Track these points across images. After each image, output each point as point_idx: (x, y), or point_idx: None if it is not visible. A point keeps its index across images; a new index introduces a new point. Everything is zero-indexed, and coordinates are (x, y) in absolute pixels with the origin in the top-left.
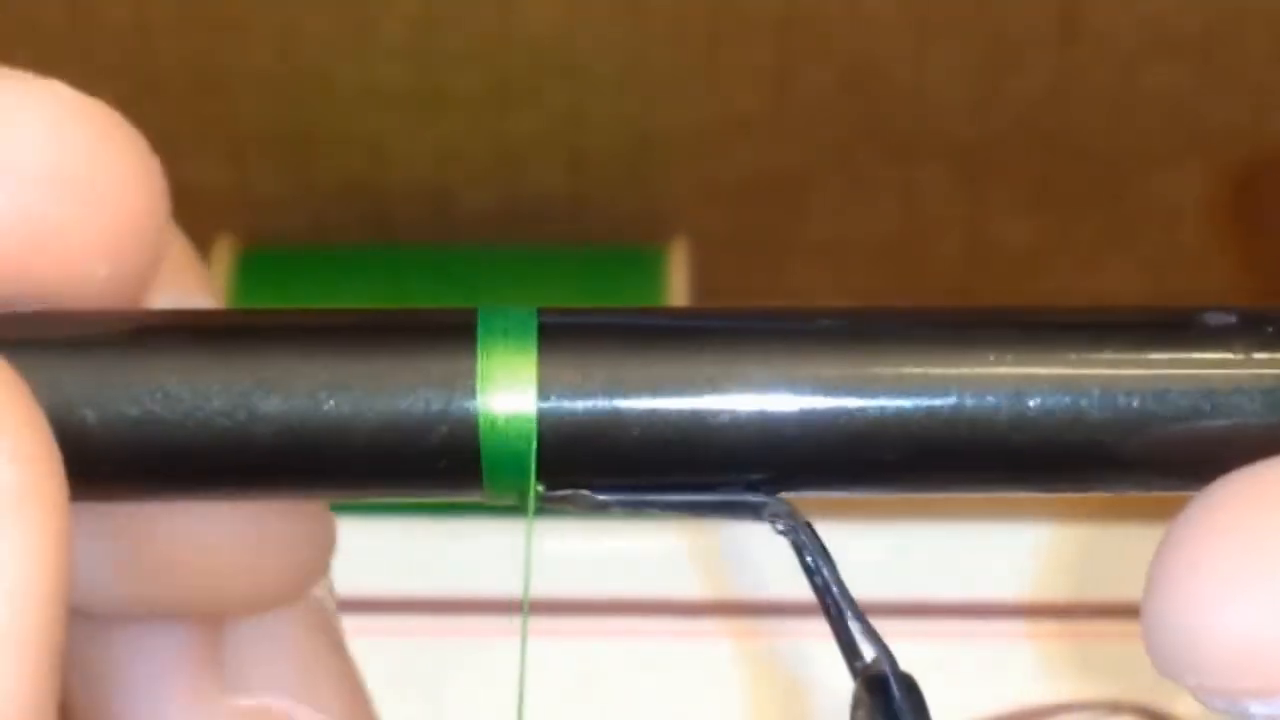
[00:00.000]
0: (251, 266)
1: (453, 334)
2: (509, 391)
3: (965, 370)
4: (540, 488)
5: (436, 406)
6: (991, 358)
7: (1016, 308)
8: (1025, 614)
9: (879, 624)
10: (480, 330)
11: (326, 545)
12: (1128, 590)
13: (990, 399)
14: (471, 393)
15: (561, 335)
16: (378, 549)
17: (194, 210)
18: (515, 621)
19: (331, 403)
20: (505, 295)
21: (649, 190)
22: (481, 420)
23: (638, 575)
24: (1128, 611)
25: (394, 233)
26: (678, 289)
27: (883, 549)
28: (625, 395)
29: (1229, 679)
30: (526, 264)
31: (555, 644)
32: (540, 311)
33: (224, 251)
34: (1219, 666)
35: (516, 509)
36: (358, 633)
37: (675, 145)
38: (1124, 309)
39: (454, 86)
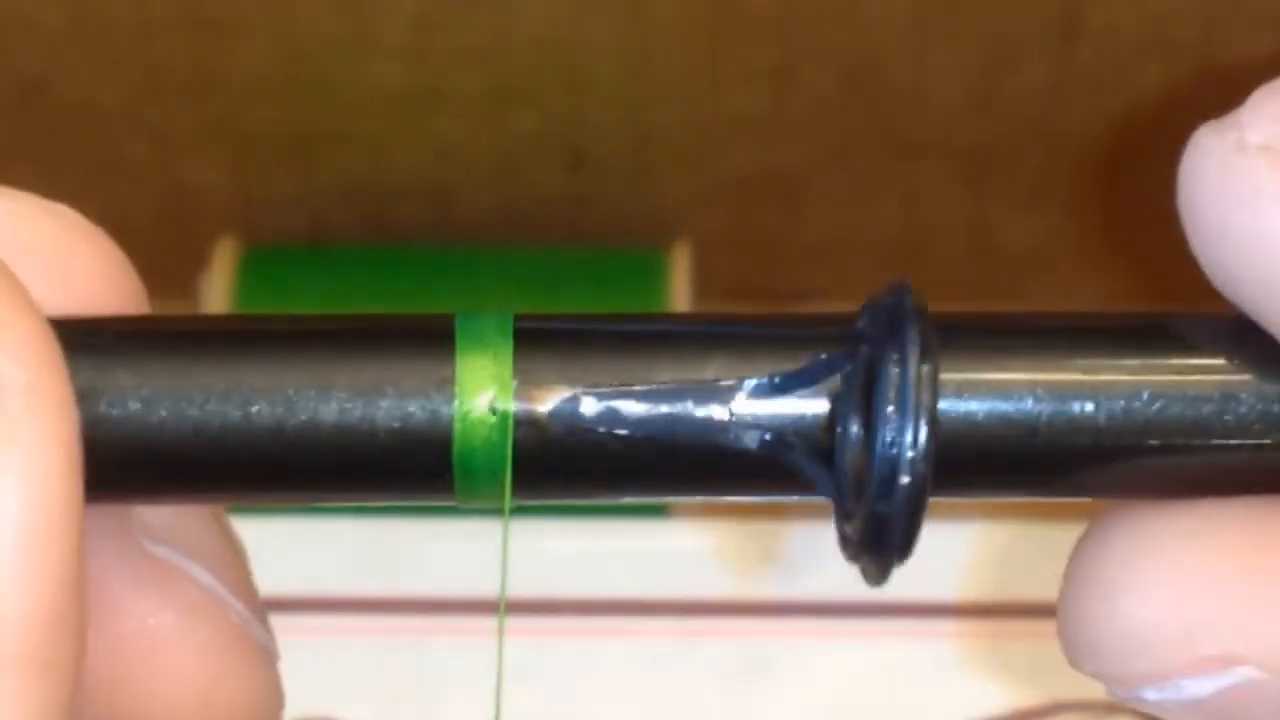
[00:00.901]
0: (252, 267)
1: (431, 340)
2: (485, 396)
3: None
4: (512, 407)
5: (413, 411)
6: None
7: (986, 313)
8: (1023, 614)
9: (880, 625)
10: (458, 336)
11: (274, 708)
12: None
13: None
14: (449, 397)
15: (538, 340)
16: (366, 549)
17: (194, 211)
18: (506, 621)
19: (311, 408)
20: (505, 296)
21: (649, 190)
22: (457, 425)
23: (628, 574)
24: None
25: (393, 233)
26: (679, 292)
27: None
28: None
29: (1122, 664)
30: (527, 265)
31: (542, 645)
32: (517, 317)
33: (225, 252)
34: (1113, 653)
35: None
36: (351, 633)
37: (675, 145)
38: (1110, 315)
39: (454, 86)
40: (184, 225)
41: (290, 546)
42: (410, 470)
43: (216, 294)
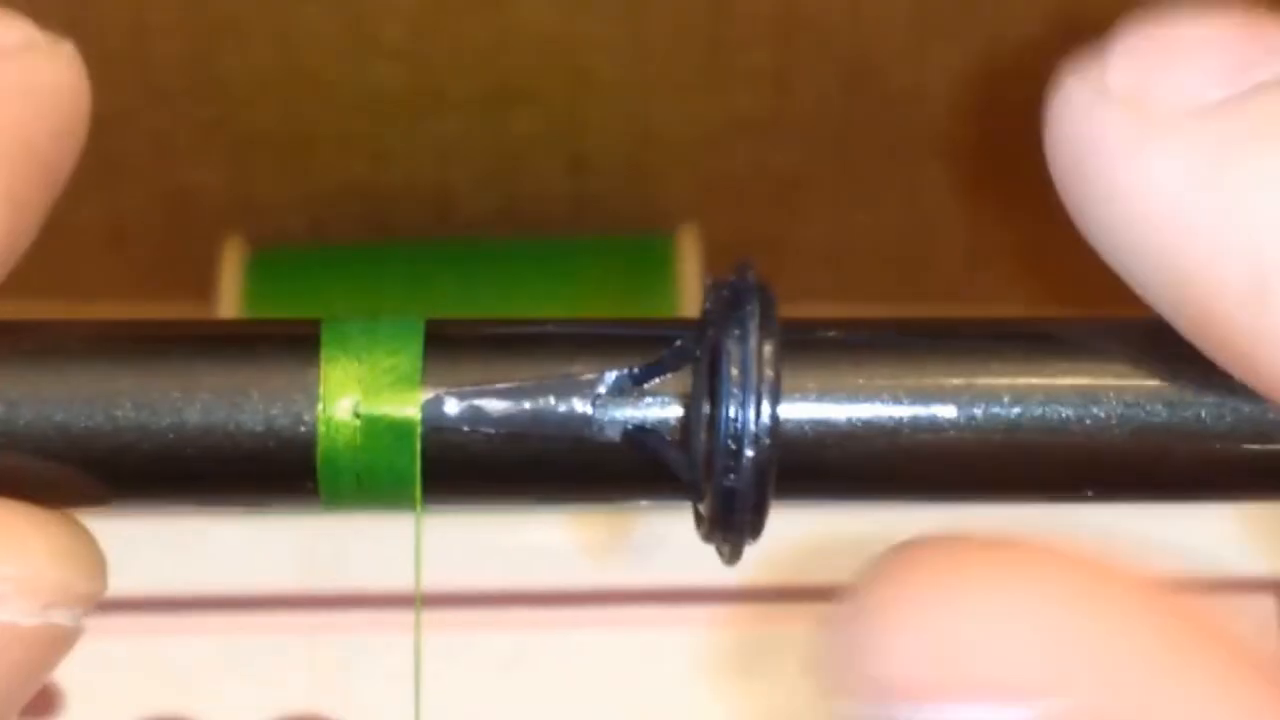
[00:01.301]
0: (258, 269)
1: (296, 344)
2: (349, 400)
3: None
4: (421, 412)
5: (278, 414)
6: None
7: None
8: None
9: None
10: (323, 340)
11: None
12: None
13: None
14: (313, 401)
15: (402, 345)
16: (312, 544)
17: (196, 213)
18: (426, 614)
19: (177, 411)
20: (506, 293)
21: (649, 191)
22: (321, 428)
23: (556, 565)
24: None
25: (394, 233)
26: (689, 278)
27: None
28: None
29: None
30: (529, 261)
31: (472, 636)
32: (380, 321)
33: (233, 254)
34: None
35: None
36: (283, 629)
37: (675, 146)
38: (997, 320)
39: (454, 87)
40: (186, 228)
41: (226, 544)
42: (275, 474)
43: (225, 298)
